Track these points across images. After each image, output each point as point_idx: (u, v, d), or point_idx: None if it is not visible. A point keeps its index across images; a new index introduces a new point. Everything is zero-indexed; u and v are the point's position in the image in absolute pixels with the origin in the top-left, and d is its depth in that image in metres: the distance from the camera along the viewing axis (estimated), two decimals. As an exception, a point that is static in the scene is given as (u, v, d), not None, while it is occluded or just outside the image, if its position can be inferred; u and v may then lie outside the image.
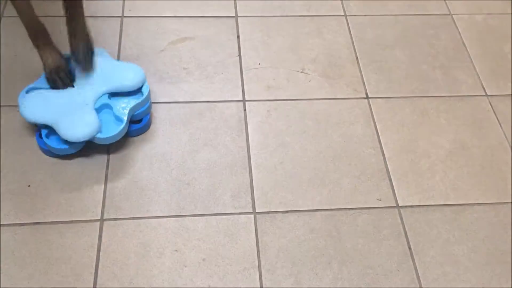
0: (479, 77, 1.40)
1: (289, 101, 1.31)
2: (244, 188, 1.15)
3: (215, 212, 1.11)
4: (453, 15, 1.55)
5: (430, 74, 1.40)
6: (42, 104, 1.13)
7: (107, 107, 1.17)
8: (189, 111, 1.27)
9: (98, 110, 1.16)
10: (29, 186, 1.11)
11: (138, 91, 1.20)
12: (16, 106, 1.18)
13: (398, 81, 1.38)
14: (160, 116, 1.25)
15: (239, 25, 1.47)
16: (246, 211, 1.11)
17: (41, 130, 1.14)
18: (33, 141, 1.17)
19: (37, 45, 1.19)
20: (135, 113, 1.18)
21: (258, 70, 1.37)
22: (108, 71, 1.20)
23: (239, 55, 1.39)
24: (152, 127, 1.23)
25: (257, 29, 1.46)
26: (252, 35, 1.45)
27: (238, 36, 1.44)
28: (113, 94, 1.19)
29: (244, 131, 1.24)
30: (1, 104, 1.23)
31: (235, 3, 1.52)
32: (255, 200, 1.13)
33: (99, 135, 1.12)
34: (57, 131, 1.10)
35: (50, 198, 1.10)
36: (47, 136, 1.13)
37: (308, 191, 1.16)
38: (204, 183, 1.15)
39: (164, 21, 1.45)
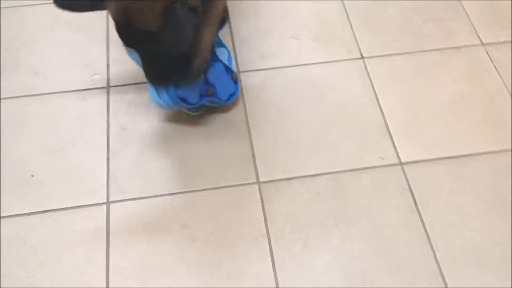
0: (473, 27, 1.38)
1: (284, 68, 1.30)
2: (246, 158, 1.15)
3: (221, 185, 1.11)
4: (443, -34, 1.52)
5: (423, 28, 1.38)
6: None
7: None
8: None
9: None
10: None
11: None
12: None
13: (391, 38, 1.36)
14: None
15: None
16: (250, 182, 1.12)
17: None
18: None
19: None
20: None
21: (251, 40, 1.35)
22: None
23: (230, 27, 1.38)
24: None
25: (246, -2, 1.44)
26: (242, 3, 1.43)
27: (227, 8, 1.42)
28: None
29: (241, 102, 1.24)
30: None
31: None
32: (258, 170, 1.14)
33: None
34: None
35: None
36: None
37: (310, 156, 1.16)
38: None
39: None
